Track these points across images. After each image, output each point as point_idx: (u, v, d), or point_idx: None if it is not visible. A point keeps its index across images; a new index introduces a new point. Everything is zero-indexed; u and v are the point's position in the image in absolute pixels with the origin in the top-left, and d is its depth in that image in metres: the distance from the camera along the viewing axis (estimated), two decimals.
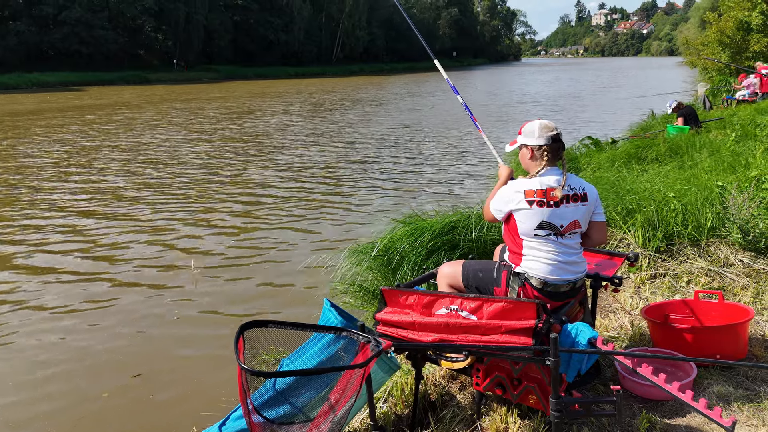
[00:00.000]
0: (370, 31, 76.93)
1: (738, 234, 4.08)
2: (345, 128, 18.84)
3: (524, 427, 2.58)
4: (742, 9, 23.48)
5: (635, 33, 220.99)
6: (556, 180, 2.51)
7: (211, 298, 5.71)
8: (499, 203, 2.60)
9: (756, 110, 11.37)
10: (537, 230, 2.46)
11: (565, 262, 2.46)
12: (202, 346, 4.86)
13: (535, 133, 2.61)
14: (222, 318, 5.33)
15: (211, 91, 38.69)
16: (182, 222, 8.17)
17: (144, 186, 10.39)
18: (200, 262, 6.58)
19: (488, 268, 2.59)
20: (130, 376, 4.37)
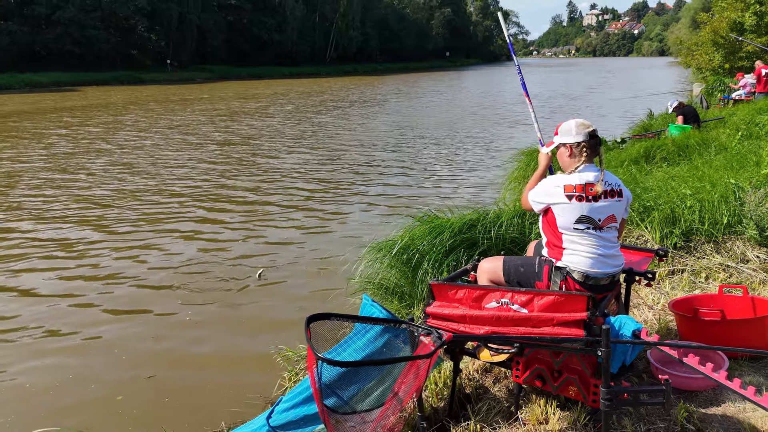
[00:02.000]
0: (363, 31, 76.97)
1: (754, 230, 4.18)
2: (345, 128, 18.90)
3: (564, 417, 2.65)
4: (735, 9, 23.74)
5: (626, 33, 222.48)
6: (594, 176, 2.59)
7: (228, 299, 5.75)
8: (538, 195, 2.68)
9: (755, 110, 11.53)
10: (576, 224, 2.54)
11: (604, 256, 2.54)
12: (216, 345, 4.91)
13: (572, 131, 2.69)
14: (240, 318, 5.37)
15: (207, 91, 38.62)
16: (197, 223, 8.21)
17: (162, 189, 10.40)
18: (213, 264, 6.64)
19: (529, 263, 2.66)
20: (144, 377, 4.40)
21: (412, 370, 1.94)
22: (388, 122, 20.05)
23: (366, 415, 2.02)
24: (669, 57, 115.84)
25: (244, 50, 63.95)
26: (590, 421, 2.60)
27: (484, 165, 11.97)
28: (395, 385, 1.99)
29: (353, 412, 2.03)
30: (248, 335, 5.09)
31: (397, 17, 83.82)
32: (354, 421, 2.00)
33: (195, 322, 5.23)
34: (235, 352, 4.85)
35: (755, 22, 23.11)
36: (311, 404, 2.68)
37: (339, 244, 7.12)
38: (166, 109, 25.65)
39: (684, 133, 9.30)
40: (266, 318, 5.36)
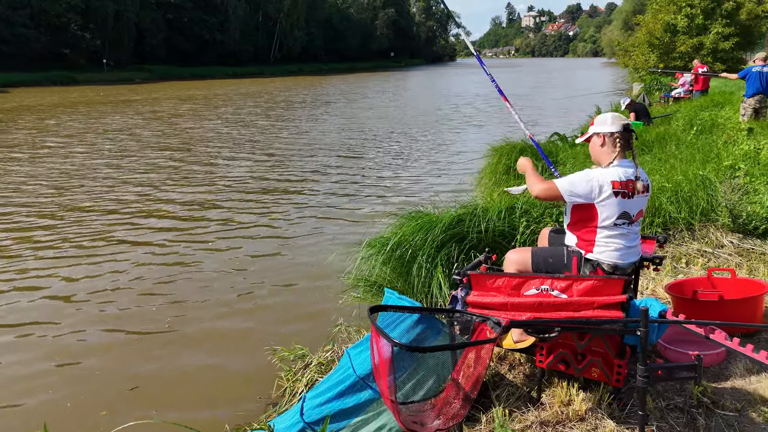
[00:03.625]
0: (308, 31, 76.42)
1: (727, 218, 4.48)
2: (293, 131, 18.66)
3: (587, 398, 2.78)
4: (668, 12, 25.09)
5: (562, 35, 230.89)
6: (633, 172, 2.70)
7: (217, 301, 5.64)
8: (579, 188, 2.68)
9: (696, 107, 12.27)
10: (617, 220, 2.64)
11: (631, 247, 2.68)
12: (207, 351, 4.82)
13: (608, 121, 2.81)
14: (230, 323, 5.28)
15: (146, 91, 37.28)
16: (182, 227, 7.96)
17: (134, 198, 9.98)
18: (203, 264, 6.50)
19: (558, 254, 2.76)
20: (127, 389, 4.23)
21: (470, 357, 1.99)
22: (338, 124, 19.67)
23: (425, 404, 2.07)
24: (603, 57, 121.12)
25: (186, 50, 62.21)
26: (614, 400, 2.74)
27: (446, 163, 12.14)
28: (453, 372, 2.04)
29: (413, 401, 2.07)
30: (240, 339, 5.02)
31: (341, 17, 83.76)
32: (415, 408, 2.04)
33: (179, 330, 5.08)
34: (229, 356, 4.77)
35: (687, 24, 24.51)
36: (345, 398, 2.69)
37: (321, 245, 7.09)
38: (101, 112, 24.48)
39: (637, 129, 9.78)
40: (257, 321, 5.29)
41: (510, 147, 7.83)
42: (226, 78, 56.57)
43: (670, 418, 2.59)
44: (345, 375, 2.75)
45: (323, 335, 4.87)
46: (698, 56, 22.60)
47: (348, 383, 2.70)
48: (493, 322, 2.03)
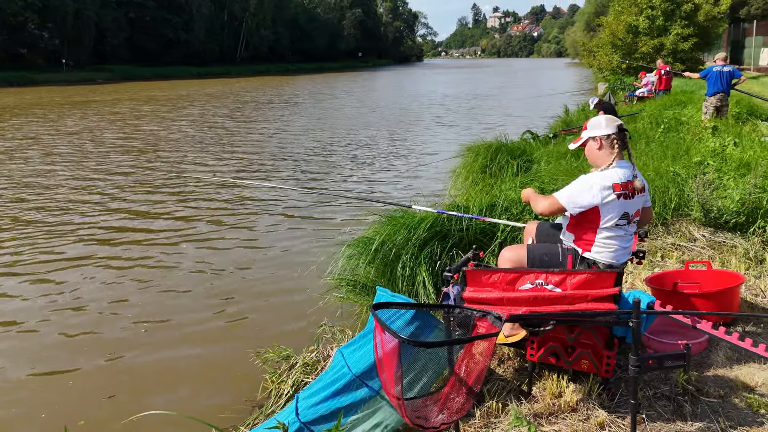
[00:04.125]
0: (275, 31, 75.77)
1: (699, 212, 4.64)
2: (263, 131, 18.50)
3: (577, 390, 2.84)
4: (630, 13, 25.79)
5: (527, 35, 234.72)
6: (630, 172, 2.75)
7: (195, 306, 5.55)
8: (581, 198, 2.70)
9: (660, 106, 12.64)
10: (619, 221, 2.68)
11: (626, 247, 2.74)
12: (188, 354, 4.74)
13: (602, 124, 2.84)
14: (209, 328, 5.21)
15: (108, 92, 36.41)
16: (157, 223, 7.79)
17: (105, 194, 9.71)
18: (176, 271, 6.37)
19: (553, 252, 2.80)
20: (104, 398, 4.14)
21: (473, 351, 2.02)
22: (307, 125, 19.28)
23: (427, 399, 2.09)
24: (566, 58, 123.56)
25: (149, 49, 60.96)
26: (603, 390, 2.81)
27: (419, 164, 12.19)
28: (455, 367, 2.07)
29: (415, 397, 2.09)
30: (222, 342, 4.95)
31: (308, 17, 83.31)
32: (418, 404, 2.06)
33: (157, 337, 4.98)
34: (211, 360, 4.70)
35: (648, 26, 25.23)
36: (341, 397, 2.69)
37: (299, 247, 7.04)
38: (59, 113, 23.74)
39: None
40: (238, 324, 5.23)
41: (486, 146, 7.93)
42: (191, 78, 55.65)
43: (658, 406, 2.67)
44: (340, 374, 2.75)
45: (307, 336, 4.85)
46: (659, 56, 23.29)
47: (344, 382, 2.70)
48: (493, 316, 2.06)
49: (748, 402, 2.63)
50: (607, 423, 2.57)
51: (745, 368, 2.92)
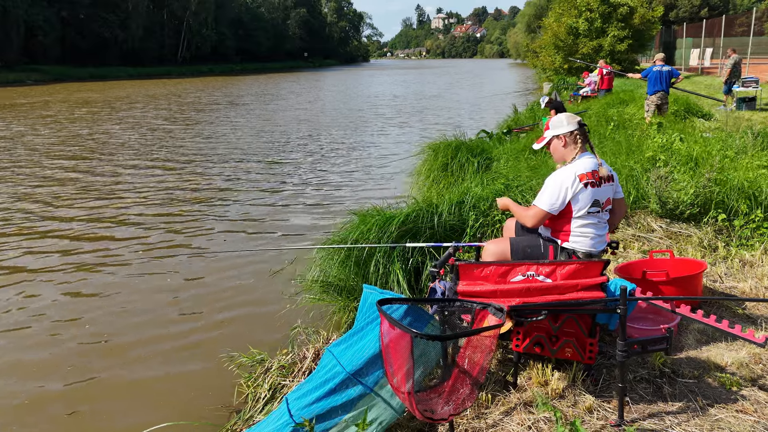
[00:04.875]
0: (218, 31, 74.09)
1: (656, 204, 4.88)
2: (209, 135, 18.06)
3: (562, 377, 2.94)
4: (570, 16, 26.75)
5: (470, 36, 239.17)
6: (595, 162, 2.89)
7: (157, 317, 5.38)
8: (554, 198, 2.84)
9: (604, 104, 13.18)
10: (590, 208, 2.82)
11: (602, 234, 2.87)
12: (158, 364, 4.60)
13: (563, 122, 2.97)
14: (176, 333, 5.06)
15: (38, 94, 34.62)
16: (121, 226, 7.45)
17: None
18: (129, 282, 6.13)
19: (535, 244, 2.90)
20: (65, 414, 3.97)
21: (475, 343, 2.06)
22: (255, 127, 18.50)
23: (431, 392, 2.11)
24: (509, 59, 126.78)
25: (84, 49, 58.43)
26: (587, 376, 2.92)
27: (376, 164, 12.19)
28: (458, 359, 2.10)
29: (419, 391, 2.11)
30: (191, 350, 4.81)
31: (251, 16, 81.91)
32: (423, 397, 2.08)
33: (120, 348, 4.79)
34: (181, 369, 4.57)
35: (587, 28, 26.24)
36: (335, 396, 2.68)
37: (263, 250, 6.92)
38: None
39: None
40: (207, 332, 5.10)
41: (446, 144, 8.04)
42: (129, 79, 53.72)
43: (639, 389, 2.80)
44: (333, 372, 2.74)
45: (280, 339, 4.80)
46: (598, 57, 24.27)
47: (337, 380, 2.69)
48: (494, 308, 2.11)
49: (721, 381, 2.80)
50: (595, 407, 2.68)
51: (714, 350, 3.10)
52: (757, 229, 4.60)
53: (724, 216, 4.69)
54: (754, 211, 4.62)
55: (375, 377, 2.73)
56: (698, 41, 28.43)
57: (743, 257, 4.35)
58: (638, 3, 26.25)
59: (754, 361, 2.95)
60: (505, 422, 2.67)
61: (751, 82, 14.88)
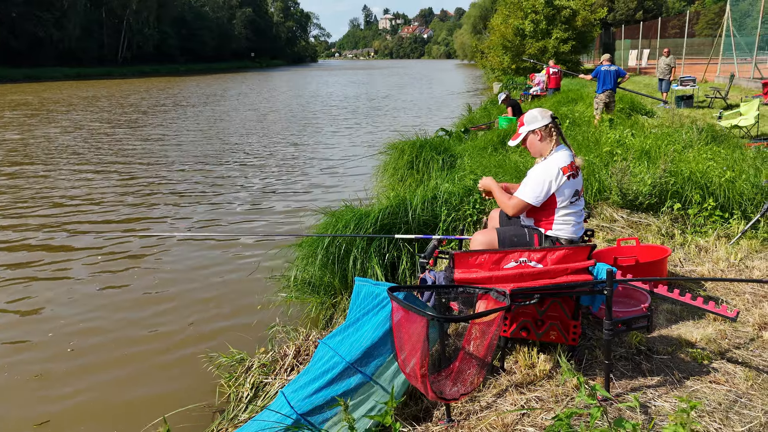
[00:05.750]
0: (160, 30, 71.90)
1: (617, 196, 5.15)
2: (150, 138, 17.57)
3: (547, 359, 3.09)
4: (517, 17, 27.49)
5: (417, 37, 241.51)
6: (571, 154, 3.05)
7: (126, 322, 5.26)
8: (539, 191, 2.98)
9: (555, 102, 13.66)
10: (572, 198, 2.98)
11: (581, 221, 3.04)
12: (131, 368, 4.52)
13: (537, 117, 3.12)
14: (151, 337, 4.98)
15: None
16: None
17: None
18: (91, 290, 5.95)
19: (521, 233, 3.04)
20: (34, 426, 3.88)
21: (478, 326, 2.17)
22: (202, 131, 17.76)
23: (440, 374, 2.20)
24: (456, 59, 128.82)
25: (17, 49, 55.52)
26: (571, 357, 3.08)
27: (336, 165, 12.22)
28: (463, 341, 2.20)
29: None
30: (169, 352, 4.75)
31: (195, 15, 79.88)
32: (433, 378, 2.17)
33: (91, 354, 4.68)
34: (160, 372, 4.51)
35: (533, 29, 27.03)
36: (335, 386, 2.73)
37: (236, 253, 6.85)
38: None
39: (511, 124, 10.71)
40: (184, 334, 5.03)
41: (410, 143, 8.17)
42: (66, 80, 51.47)
43: (620, 366, 2.98)
44: (331, 363, 2.79)
45: (259, 338, 4.80)
46: (544, 58, 25.07)
47: (337, 370, 2.74)
48: (497, 292, 2.22)
49: (693, 355, 3.01)
50: (582, 384, 2.83)
51: (684, 327, 3.33)
52: (710, 217, 4.93)
53: (679, 205, 5.00)
54: (707, 200, 4.95)
55: (374, 366, 2.80)
56: (636, 43, 29.80)
57: (698, 243, 4.66)
58: (580, 6, 27.25)
59: (721, 336, 3.19)
60: (499, 403, 2.79)
61: (688, 81, 15.74)
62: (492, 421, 2.64)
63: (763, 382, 2.76)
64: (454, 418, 2.70)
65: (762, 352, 3.04)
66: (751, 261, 4.33)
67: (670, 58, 15.42)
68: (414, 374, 2.05)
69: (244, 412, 3.81)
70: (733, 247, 4.52)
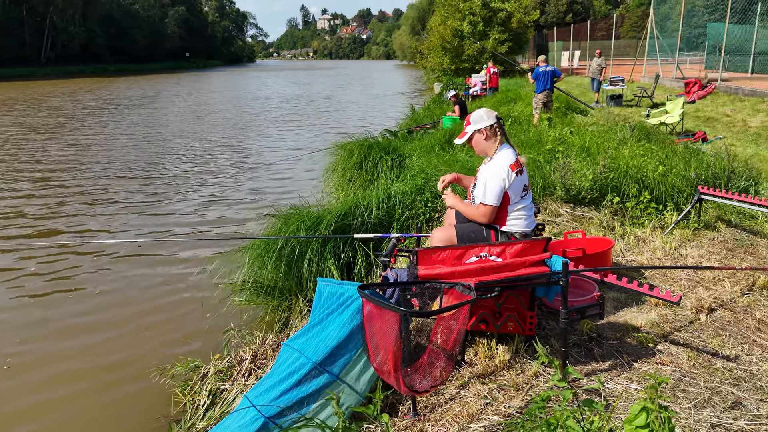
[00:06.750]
0: (87, 28, 68.57)
1: (561, 191, 5.37)
2: (81, 143, 16.85)
3: (506, 350, 3.20)
4: (455, 19, 28.06)
5: (356, 38, 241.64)
6: (514, 152, 3.18)
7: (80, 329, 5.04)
8: (499, 192, 3.10)
9: (495, 102, 14.05)
10: (522, 193, 3.10)
11: (531, 215, 3.17)
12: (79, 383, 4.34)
13: (483, 117, 3.24)
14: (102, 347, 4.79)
15: None
16: None
17: None
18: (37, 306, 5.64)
19: (478, 230, 3.14)
20: None
21: (445, 320, 2.23)
22: (138, 134, 17.03)
23: (409, 368, 2.24)
24: (396, 60, 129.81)
25: None
26: (528, 347, 3.20)
27: (280, 167, 12.08)
28: (432, 335, 2.26)
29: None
30: (119, 366, 4.57)
31: (124, 13, 76.60)
32: (403, 372, 2.21)
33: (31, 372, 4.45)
34: (110, 385, 4.34)
35: (471, 30, 27.67)
36: (302, 387, 2.73)
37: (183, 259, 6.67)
38: None
39: (455, 124, 10.95)
40: (131, 345, 4.85)
41: (359, 144, 8.20)
42: None
43: (574, 353, 3.13)
44: (297, 365, 2.78)
45: (213, 344, 4.70)
46: (482, 58, 25.72)
47: (304, 371, 2.74)
48: (462, 285, 2.29)
49: (639, 339, 3.20)
50: (540, 372, 2.96)
51: (629, 314, 3.53)
52: (646, 209, 5.23)
53: (618, 199, 5.28)
54: (643, 194, 5.25)
55: (340, 365, 2.82)
56: (567, 44, 31.04)
57: (637, 234, 4.94)
58: (515, 8, 28.12)
59: (663, 320, 3.41)
60: (462, 395, 2.87)
61: (618, 81, 16.56)
62: (457, 412, 2.72)
63: (704, 361, 2.97)
64: (420, 412, 2.76)
65: (700, 333, 3.27)
66: (685, 249, 4.63)
67: (602, 59, 16.17)
68: (386, 369, 2.09)
69: (202, 420, 3.74)
70: (667, 237, 4.82)
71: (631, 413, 1.69)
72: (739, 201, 4.58)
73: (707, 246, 4.69)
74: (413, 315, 2.08)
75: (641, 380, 2.83)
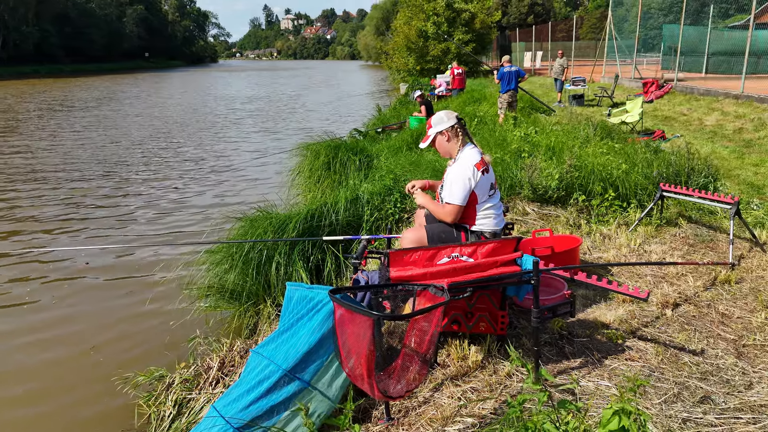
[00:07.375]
0: (40, 27, 66.26)
1: (528, 190, 5.42)
2: (32, 148, 16.29)
3: (479, 350, 3.19)
4: (419, 20, 28.17)
5: (321, 38, 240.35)
6: (479, 151, 3.18)
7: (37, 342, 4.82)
8: (466, 192, 3.09)
9: (461, 102, 14.14)
10: (490, 191, 3.10)
11: (500, 214, 3.16)
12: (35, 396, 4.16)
13: (444, 119, 3.24)
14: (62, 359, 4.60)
15: None
16: None
17: None
18: None
19: (448, 230, 3.12)
20: None
21: (421, 322, 2.19)
22: (96, 137, 16.44)
23: (382, 373, 2.20)
24: (360, 60, 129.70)
25: None
26: (500, 347, 3.19)
27: (248, 168, 11.90)
28: (405, 339, 2.22)
29: None
30: (77, 377, 4.40)
31: (80, 12, 74.24)
32: (378, 378, 2.16)
33: None
34: (67, 398, 4.17)
35: (435, 31, 27.81)
36: (272, 395, 2.65)
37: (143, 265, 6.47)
38: None
39: (422, 124, 10.97)
40: (91, 357, 4.67)
41: (326, 144, 8.11)
42: None
43: (545, 351, 3.14)
44: (267, 372, 2.70)
45: (178, 353, 4.57)
46: (447, 59, 25.90)
47: (273, 379, 2.67)
48: (435, 287, 2.26)
49: (609, 336, 3.23)
50: (513, 372, 2.95)
51: (598, 311, 3.57)
52: (611, 207, 5.32)
53: (584, 197, 5.35)
54: (608, 191, 5.33)
55: (311, 371, 2.75)
56: (530, 45, 31.53)
57: (602, 231, 5.01)
58: (478, 9, 28.40)
59: (631, 317, 3.46)
60: (436, 397, 2.85)
61: (579, 81, 16.88)
62: (431, 415, 2.69)
63: (672, 356, 3.02)
64: (394, 416, 2.72)
65: (667, 329, 3.32)
66: (649, 245, 4.72)
67: (564, 59, 16.46)
68: (359, 375, 2.04)
69: (167, 431, 3.62)
70: (632, 234, 4.91)
71: (604, 418, 1.68)
72: (699, 197, 4.69)
73: (670, 242, 4.79)
74: (387, 318, 2.03)
75: (612, 377, 2.85)
